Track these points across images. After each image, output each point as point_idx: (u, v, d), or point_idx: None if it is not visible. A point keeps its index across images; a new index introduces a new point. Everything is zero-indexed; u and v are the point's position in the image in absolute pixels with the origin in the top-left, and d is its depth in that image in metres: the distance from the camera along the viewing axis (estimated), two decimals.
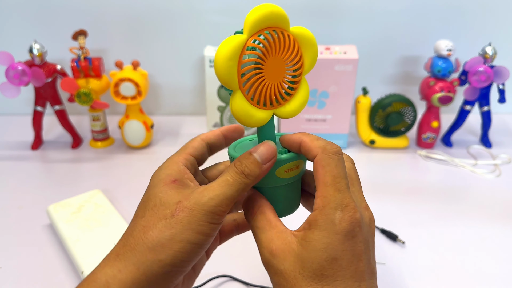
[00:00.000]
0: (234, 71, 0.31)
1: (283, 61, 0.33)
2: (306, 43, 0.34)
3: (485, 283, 0.55)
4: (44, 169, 0.81)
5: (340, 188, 0.30)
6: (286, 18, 0.33)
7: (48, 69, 0.81)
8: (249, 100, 0.33)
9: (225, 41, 0.31)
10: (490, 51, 0.81)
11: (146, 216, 0.31)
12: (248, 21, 0.31)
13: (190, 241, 0.29)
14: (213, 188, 0.31)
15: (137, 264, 0.29)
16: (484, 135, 0.90)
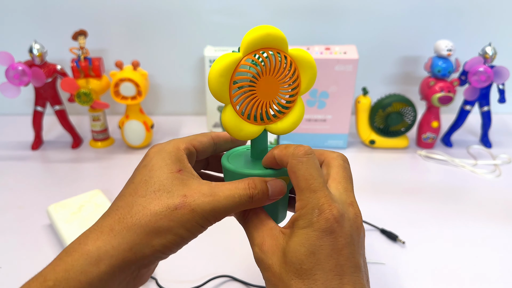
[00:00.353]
0: (226, 87, 0.33)
1: (277, 80, 0.35)
2: (305, 65, 0.36)
3: (485, 283, 0.55)
4: (44, 169, 0.81)
5: (314, 189, 0.31)
6: (283, 39, 0.34)
7: (48, 69, 0.81)
8: (239, 114, 0.35)
9: (219, 58, 0.33)
10: (490, 51, 0.81)
11: (148, 198, 0.31)
12: (244, 40, 0.33)
13: (182, 236, 0.31)
14: (218, 199, 0.32)
15: (131, 244, 0.30)
16: (484, 135, 0.90)
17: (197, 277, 0.55)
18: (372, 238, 0.62)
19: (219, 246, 0.61)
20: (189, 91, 1.02)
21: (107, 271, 0.29)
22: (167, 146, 0.35)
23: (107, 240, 0.30)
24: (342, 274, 0.29)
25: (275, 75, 0.35)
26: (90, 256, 0.29)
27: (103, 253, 0.29)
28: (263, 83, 0.34)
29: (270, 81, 0.35)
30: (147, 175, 0.33)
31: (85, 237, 0.31)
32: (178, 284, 0.54)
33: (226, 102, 0.34)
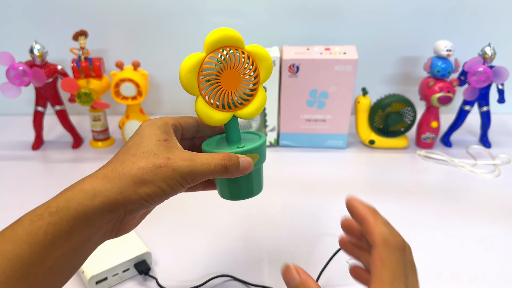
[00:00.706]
0: (194, 81, 0.40)
1: (238, 73, 0.42)
2: (260, 58, 0.42)
3: (485, 282, 0.55)
4: (45, 169, 0.82)
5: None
6: (239, 39, 0.41)
7: (49, 69, 0.81)
8: (209, 104, 0.41)
9: (187, 58, 0.40)
10: (489, 52, 0.81)
11: (138, 156, 0.37)
12: (206, 42, 0.40)
13: (163, 189, 0.37)
14: (196, 164, 0.38)
15: (121, 189, 0.36)
16: (483, 135, 0.90)
17: (197, 277, 0.55)
18: None
19: (219, 246, 0.61)
20: None
21: (100, 206, 0.35)
22: (158, 121, 0.41)
23: (101, 183, 0.36)
24: None
25: (236, 69, 0.41)
26: (87, 192, 0.35)
27: (98, 191, 0.35)
28: (226, 76, 0.41)
29: (232, 74, 0.41)
30: (138, 140, 0.39)
31: (83, 180, 0.36)
32: (178, 284, 0.54)
33: (197, 95, 0.41)
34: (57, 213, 0.33)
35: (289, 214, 0.68)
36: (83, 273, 0.52)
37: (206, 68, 0.40)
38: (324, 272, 0.55)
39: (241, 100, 0.43)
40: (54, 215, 0.33)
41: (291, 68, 0.81)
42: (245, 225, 0.65)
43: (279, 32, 0.96)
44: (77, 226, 0.34)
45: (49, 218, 0.33)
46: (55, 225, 0.33)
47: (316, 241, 0.62)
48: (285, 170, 0.81)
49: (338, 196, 0.72)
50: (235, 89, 0.42)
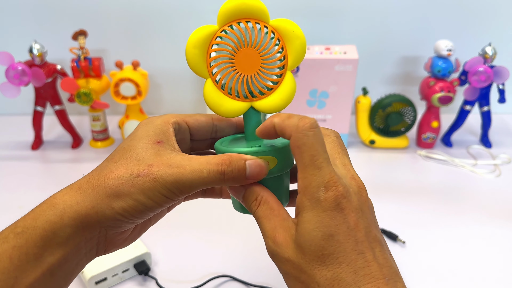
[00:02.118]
0: (202, 59, 0.33)
1: (258, 53, 0.33)
2: (290, 35, 0.34)
3: (485, 282, 0.55)
4: (44, 169, 0.82)
5: (319, 166, 0.29)
6: (263, 9, 0.32)
7: (48, 69, 0.81)
8: (219, 88, 0.34)
9: (195, 30, 0.32)
10: (490, 51, 0.81)
11: (118, 163, 0.32)
12: (220, 11, 0.32)
13: (143, 203, 0.31)
14: (183, 171, 0.31)
15: (93, 203, 0.30)
16: (484, 135, 0.90)
17: (197, 277, 0.55)
18: None
19: (219, 246, 0.61)
20: (189, 91, 1.02)
21: (70, 224, 0.30)
22: (157, 119, 0.35)
23: (73, 196, 0.31)
24: (363, 251, 0.28)
25: (256, 48, 0.33)
26: (56, 208, 0.30)
27: (67, 206, 0.30)
28: (243, 56, 0.33)
29: (250, 53, 0.33)
30: (127, 143, 0.33)
31: (56, 193, 0.32)
32: (178, 284, 0.54)
33: (205, 76, 0.34)
34: (22, 234, 0.29)
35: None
36: (83, 274, 0.52)
37: (217, 43, 0.33)
38: None
39: (261, 88, 0.34)
40: (20, 236, 0.29)
41: None
42: (245, 225, 0.65)
43: None
44: (47, 248, 0.29)
45: (15, 240, 0.29)
46: (21, 248, 0.29)
47: None
48: None
49: None
50: (253, 72, 0.34)
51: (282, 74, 0.34)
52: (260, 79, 0.34)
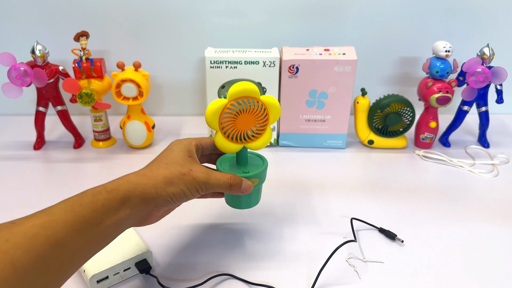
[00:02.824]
0: (216, 121, 0.52)
1: (252, 116, 0.53)
2: (271, 106, 0.53)
3: (483, 282, 0.55)
4: (46, 169, 0.82)
5: None
6: (256, 91, 0.51)
7: (50, 69, 0.82)
8: (225, 137, 0.53)
9: (212, 102, 0.51)
10: (488, 52, 0.82)
11: (169, 164, 0.50)
12: (229, 92, 0.51)
13: (184, 191, 0.49)
14: (210, 178, 0.51)
15: (155, 185, 0.47)
16: (482, 135, 0.91)
17: (198, 275, 0.56)
18: (371, 237, 0.63)
19: (220, 245, 0.62)
20: (190, 92, 1.03)
21: (139, 195, 0.45)
22: (184, 141, 0.54)
23: (142, 179, 0.47)
24: None
25: (251, 113, 0.52)
26: (132, 183, 0.46)
27: (139, 184, 0.46)
28: (242, 118, 0.52)
29: (247, 117, 0.53)
30: (169, 153, 0.51)
31: (129, 174, 0.48)
32: (179, 283, 0.55)
33: (217, 130, 0.53)
34: (111, 192, 0.44)
35: (288, 214, 0.68)
36: (84, 272, 0.53)
37: (226, 111, 0.51)
38: (323, 271, 0.55)
39: (250, 136, 0.54)
40: (109, 193, 0.44)
41: (291, 69, 0.82)
42: (245, 225, 0.66)
43: (279, 33, 0.96)
44: (122, 206, 0.44)
45: (106, 195, 0.43)
46: (110, 201, 0.43)
47: (315, 240, 0.62)
48: (285, 170, 0.82)
49: (337, 195, 0.73)
50: (248, 129, 0.53)
51: (265, 128, 0.55)
52: (252, 132, 0.54)
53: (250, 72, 0.83)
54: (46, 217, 0.39)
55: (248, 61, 0.82)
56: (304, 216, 0.68)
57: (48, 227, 0.38)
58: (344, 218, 0.67)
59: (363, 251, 0.60)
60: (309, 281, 0.55)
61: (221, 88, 0.85)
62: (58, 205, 0.41)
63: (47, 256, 0.37)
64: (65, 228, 0.39)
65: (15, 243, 0.35)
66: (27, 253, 0.35)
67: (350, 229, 0.64)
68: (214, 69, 0.83)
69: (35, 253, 0.36)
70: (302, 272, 0.56)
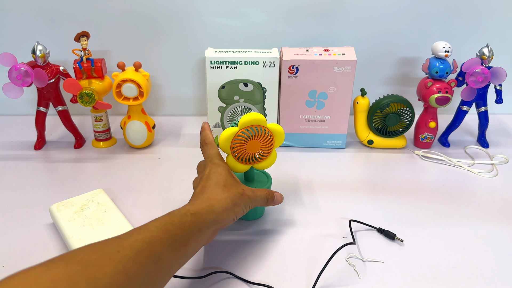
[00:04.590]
0: (228, 146, 0.59)
1: (259, 142, 0.60)
2: (276, 132, 0.61)
3: (482, 281, 0.55)
4: (47, 169, 0.82)
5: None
6: (264, 120, 0.59)
7: (51, 70, 0.82)
8: (235, 159, 0.61)
9: (225, 130, 0.58)
10: (487, 52, 0.82)
11: (227, 187, 0.55)
12: (240, 121, 0.58)
13: (243, 210, 0.56)
14: (256, 195, 0.58)
15: (226, 208, 0.53)
16: (481, 135, 0.91)
17: (199, 272, 0.56)
18: (370, 237, 0.63)
19: (220, 245, 0.62)
20: (190, 92, 1.03)
21: (215, 219, 0.51)
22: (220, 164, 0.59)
23: (215, 203, 0.52)
24: None
25: (259, 139, 0.60)
26: (211, 206, 0.52)
27: (215, 208, 0.52)
28: (251, 144, 0.60)
29: (255, 142, 0.60)
30: (221, 176, 0.56)
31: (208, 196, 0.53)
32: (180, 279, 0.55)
33: (229, 153, 0.60)
34: (195, 215, 0.49)
35: (288, 214, 0.69)
36: None
37: (237, 138, 0.59)
38: (324, 272, 0.55)
39: (258, 158, 0.62)
40: (194, 216, 0.49)
41: (291, 69, 0.82)
42: (245, 225, 0.66)
43: (279, 34, 0.96)
44: (203, 228, 0.49)
45: (191, 217, 0.49)
46: (194, 223, 0.48)
47: (315, 240, 0.63)
48: (285, 170, 0.82)
49: (337, 195, 0.73)
50: (256, 152, 0.61)
51: (270, 151, 0.62)
52: (259, 154, 0.62)
53: (250, 73, 0.83)
54: (146, 234, 0.44)
55: (248, 61, 0.83)
56: (303, 216, 0.68)
57: (149, 243, 0.43)
58: (344, 218, 0.67)
59: (363, 251, 0.61)
60: (308, 281, 0.55)
61: (221, 88, 0.85)
62: (153, 223, 0.46)
63: (149, 269, 0.41)
64: (162, 244, 0.43)
65: (125, 255, 0.40)
66: (136, 264, 0.40)
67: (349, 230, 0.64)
68: (214, 69, 0.83)
69: (142, 265, 0.41)
70: (302, 272, 0.57)
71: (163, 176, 0.79)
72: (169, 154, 0.88)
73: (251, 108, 0.87)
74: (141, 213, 0.68)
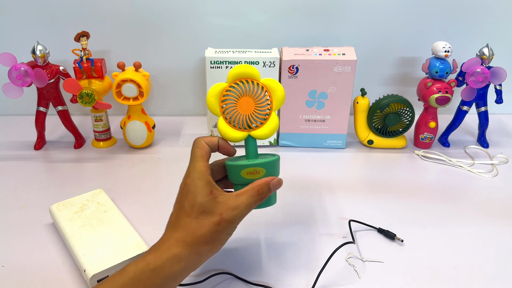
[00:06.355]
0: (217, 104, 0.52)
1: (253, 100, 0.52)
2: (273, 89, 0.52)
3: (482, 281, 0.55)
4: (47, 169, 0.82)
5: None
6: (256, 73, 0.51)
7: (51, 70, 0.82)
8: (227, 123, 0.52)
9: (212, 86, 0.51)
10: (487, 52, 0.82)
11: (199, 219, 0.46)
12: (228, 74, 0.51)
13: (225, 239, 0.47)
14: (241, 210, 0.47)
15: (198, 251, 0.45)
16: (481, 135, 0.91)
17: (199, 273, 0.56)
18: (370, 237, 0.63)
19: None
20: (190, 92, 1.03)
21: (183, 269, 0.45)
22: (197, 170, 0.48)
23: (182, 248, 0.45)
24: None
25: (252, 96, 0.51)
26: (175, 257, 0.44)
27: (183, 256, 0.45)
28: (243, 102, 0.52)
29: (248, 100, 0.52)
30: (192, 201, 0.47)
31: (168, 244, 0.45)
32: None
33: (218, 115, 0.52)
34: (155, 271, 0.43)
35: (288, 214, 0.69)
36: (85, 272, 0.53)
37: (226, 94, 0.51)
38: (323, 272, 0.55)
39: (256, 123, 0.52)
40: (152, 272, 0.43)
41: (291, 69, 0.82)
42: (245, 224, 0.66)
43: (279, 34, 0.96)
44: (167, 282, 0.44)
45: (149, 273, 0.43)
46: (154, 279, 0.43)
47: (315, 240, 0.63)
48: (285, 170, 0.82)
49: (337, 196, 0.73)
50: (250, 112, 0.52)
51: (269, 114, 0.52)
52: (255, 117, 0.52)
53: None
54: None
55: (248, 61, 0.83)
56: (303, 216, 0.68)
57: None
58: (344, 218, 0.67)
59: (363, 251, 0.60)
60: (308, 282, 0.55)
61: None
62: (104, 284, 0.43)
63: None
64: None
65: None
66: None
67: (349, 230, 0.64)
68: (214, 69, 0.83)
69: None
70: (302, 273, 0.57)
71: (163, 176, 0.79)
72: (169, 154, 0.88)
73: None
74: (141, 213, 0.68)
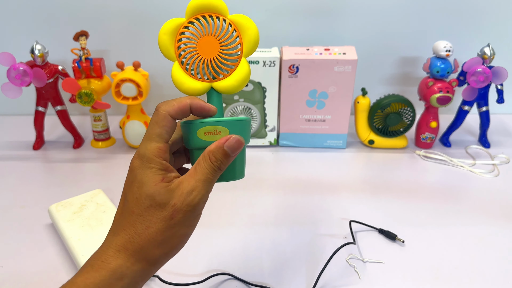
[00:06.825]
0: (171, 45, 0.40)
1: (217, 40, 0.40)
2: (243, 27, 0.40)
3: (483, 282, 0.55)
4: (46, 169, 0.82)
5: None
6: (222, 6, 0.40)
7: (50, 69, 0.82)
8: (184, 69, 0.40)
9: (166, 22, 0.40)
10: (488, 52, 0.82)
11: (146, 216, 0.35)
12: (188, 7, 0.40)
13: (186, 234, 0.37)
14: (200, 190, 0.36)
15: (148, 258, 0.35)
16: (482, 135, 0.91)
17: (199, 274, 0.56)
18: (370, 237, 0.63)
19: (220, 245, 0.61)
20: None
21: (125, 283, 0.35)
22: (146, 155, 0.36)
23: (126, 258, 0.35)
24: None
25: (215, 36, 0.40)
26: (115, 273, 0.34)
27: (125, 269, 0.35)
28: (204, 42, 0.40)
29: (210, 41, 0.40)
30: (137, 192, 0.36)
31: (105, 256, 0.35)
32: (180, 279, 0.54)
33: (173, 59, 0.40)
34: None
35: (288, 214, 0.68)
36: None
37: (183, 32, 0.40)
38: (324, 272, 0.55)
39: (220, 71, 0.40)
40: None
41: (291, 69, 0.82)
42: (245, 225, 0.66)
43: (279, 33, 0.96)
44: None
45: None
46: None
47: (315, 241, 0.62)
48: (285, 170, 0.82)
49: (337, 196, 0.73)
50: (213, 56, 0.40)
51: (238, 60, 0.41)
52: (219, 63, 0.40)
53: None
54: None
55: (248, 60, 0.82)
56: (304, 216, 0.68)
57: None
58: (344, 219, 0.67)
59: (363, 252, 0.60)
60: (308, 282, 0.55)
61: None
62: None
63: None
64: None
65: None
66: None
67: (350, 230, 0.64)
68: None
69: None
70: (302, 273, 0.56)
71: None
72: None
73: (251, 107, 0.86)
74: None
